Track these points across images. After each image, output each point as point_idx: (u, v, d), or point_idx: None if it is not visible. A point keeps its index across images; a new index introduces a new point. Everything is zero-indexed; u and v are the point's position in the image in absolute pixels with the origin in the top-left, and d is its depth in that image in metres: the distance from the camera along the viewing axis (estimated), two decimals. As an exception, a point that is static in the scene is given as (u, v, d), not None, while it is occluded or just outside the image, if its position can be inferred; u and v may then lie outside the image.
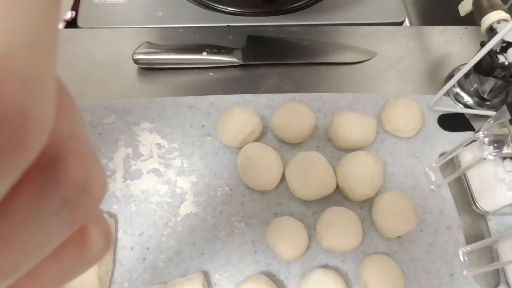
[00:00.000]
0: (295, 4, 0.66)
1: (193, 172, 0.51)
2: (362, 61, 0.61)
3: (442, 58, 0.63)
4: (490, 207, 0.48)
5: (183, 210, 0.48)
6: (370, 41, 0.63)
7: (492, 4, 0.52)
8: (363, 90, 0.59)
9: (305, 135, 0.51)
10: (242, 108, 0.51)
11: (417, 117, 0.52)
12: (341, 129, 0.51)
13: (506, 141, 0.43)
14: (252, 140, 0.51)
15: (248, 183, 0.49)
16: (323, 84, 0.60)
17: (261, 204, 0.49)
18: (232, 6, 0.65)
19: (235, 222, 0.48)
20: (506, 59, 0.49)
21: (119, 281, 0.45)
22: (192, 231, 0.47)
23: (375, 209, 0.48)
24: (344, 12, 0.67)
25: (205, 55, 0.58)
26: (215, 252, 0.46)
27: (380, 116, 0.54)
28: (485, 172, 0.48)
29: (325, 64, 0.61)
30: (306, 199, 0.48)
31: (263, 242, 0.47)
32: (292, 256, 0.45)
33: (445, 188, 0.51)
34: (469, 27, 0.65)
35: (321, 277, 0.43)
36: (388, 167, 0.52)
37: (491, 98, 0.56)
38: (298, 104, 0.52)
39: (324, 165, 0.48)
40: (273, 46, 0.62)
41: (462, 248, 0.47)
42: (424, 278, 0.46)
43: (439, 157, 0.53)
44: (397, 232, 0.47)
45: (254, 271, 0.46)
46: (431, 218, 0.49)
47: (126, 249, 0.46)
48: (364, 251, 0.47)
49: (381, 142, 0.54)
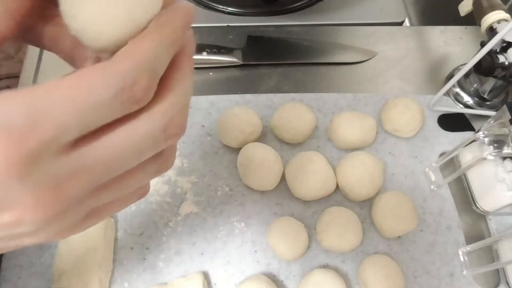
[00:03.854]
0: (295, 4, 0.66)
1: (193, 172, 0.51)
2: (362, 61, 0.61)
3: (442, 58, 0.63)
4: (490, 207, 0.48)
5: (183, 210, 0.48)
6: (370, 41, 0.63)
7: (492, 4, 0.51)
8: (363, 90, 0.59)
9: (305, 135, 0.51)
10: (242, 108, 0.51)
11: (417, 117, 0.52)
12: (341, 129, 0.51)
13: (506, 141, 0.43)
14: (252, 140, 0.51)
15: (248, 183, 0.49)
16: (323, 84, 0.60)
17: (261, 204, 0.49)
18: (232, 6, 0.65)
19: (235, 222, 0.48)
20: (506, 59, 0.49)
21: (119, 281, 0.45)
22: (192, 231, 0.48)
23: (375, 209, 0.48)
24: (344, 12, 0.67)
25: (205, 55, 0.58)
26: (215, 252, 0.46)
27: (380, 116, 0.54)
28: (485, 172, 0.48)
29: (325, 64, 0.61)
30: (306, 199, 0.48)
31: (263, 242, 0.47)
32: (292, 256, 0.45)
33: (445, 188, 0.51)
34: (469, 27, 0.65)
35: (321, 277, 0.43)
36: (388, 167, 0.52)
37: (491, 98, 0.56)
38: (298, 104, 0.52)
39: (324, 165, 0.48)
40: (273, 46, 0.62)
41: (462, 248, 0.47)
42: (424, 278, 0.46)
43: (439, 157, 0.53)
44: (397, 232, 0.47)
45: (254, 271, 0.46)
46: (431, 218, 0.49)
47: (126, 249, 0.46)
48: (364, 251, 0.47)
49: (381, 142, 0.54)
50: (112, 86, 0.16)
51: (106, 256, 0.44)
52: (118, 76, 0.16)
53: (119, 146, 0.17)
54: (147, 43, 0.17)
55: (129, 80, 0.16)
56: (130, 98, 0.17)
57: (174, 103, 0.19)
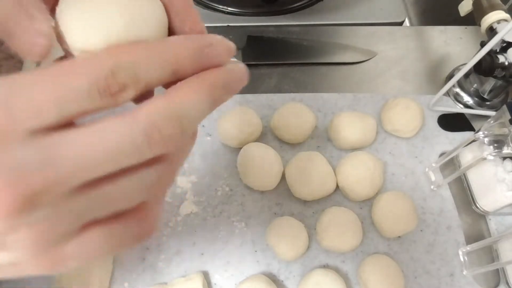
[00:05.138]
0: (295, 4, 0.66)
1: (193, 172, 0.51)
2: (362, 61, 0.61)
3: (442, 58, 0.63)
4: (490, 207, 0.48)
5: (183, 210, 0.48)
6: (370, 41, 0.63)
7: (492, 4, 0.51)
8: (363, 90, 0.59)
9: (305, 135, 0.51)
10: (242, 108, 0.51)
11: (417, 117, 0.52)
12: (341, 129, 0.51)
13: (506, 141, 0.43)
14: (252, 140, 0.51)
15: (248, 183, 0.49)
16: (323, 84, 0.60)
17: (261, 204, 0.49)
18: (232, 6, 0.65)
19: (235, 222, 0.48)
20: (506, 59, 0.49)
21: (119, 281, 0.45)
22: (192, 231, 0.48)
23: (375, 209, 0.48)
24: (344, 12, 0.67)
25: (205, 55, 0.58)
26: (215, 252, 0.46)
27: (380, 116, 0.54)
28: (485, 172, 0.48)
29: (325, 64, 0.61)
30: (306, 199, 0.48)
31: (263, 242, 0.47)
32: (292, 256, 0.45)
33: (445, 188, 0.51)
34: (469, 27, 0.65)
35: (321, 277, 0.43)
36: (388, 167, 0.52)
37: (491, 98, 0.56)
38: (298, 104, 0.52)
39: (324, 165, 0.48)
40: (273, 46, 0.62)
41: (462, 248, 0.47)
42: (424, 278, 0.46)
43: (439, 157, 0.53)
44: (397, 232, 0.47)
45: (254, 271, 0.46)
46: (431, 218, 0.49)
47: (126, 249, 0.46)
48: (364, 251, 0.47)
49: (381, 142, 0.54)
50: (86, 75, 0.16)
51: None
52: (95, 66, 0.16)
53: (92, 141, 0.16)
54: (137, 48, 0.17)
55: (105, 71, 0.16)
56: (105, 89, 0.16)
57: (163, 109, 0.17)
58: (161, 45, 0.18)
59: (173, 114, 0.17)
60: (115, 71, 0.16)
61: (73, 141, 0.16)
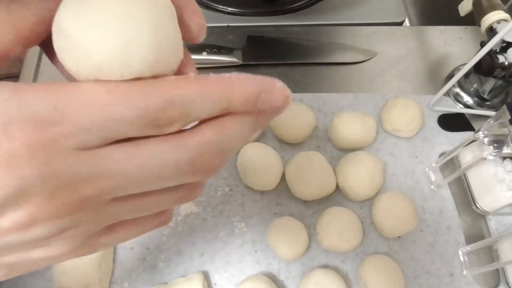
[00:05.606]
0: (295, 4, 0.66)
1: (193, 172, 0.50)
2: (362, 61, 0.61)
3: (442, 58, 0.63)
4: (490, 207, 0.48)
5: (183, 210, 0.48)
6: (370, 41, 0.63)
7: (492, 4, 0.51)
8: (363, 90, 0.59)
9: (305, 135, 0.51)
10: (242, 108, 0.51)
11: (417, 117, 0.52)
12: (341, 129, 0.51)
13: (506, 141, 0.43)
14: (252, 140, 0.51)
15: (248, 183, 0.49)
16: (323, 84, 0.60)
17: (261, 204, 0.49)
18: (232, 6, 0.65)
19: (235, 222, 0.48)
20: (506, 59, 0.49)
21: (119, 281, 0.45)
22: (192, 231, 0.48)
23: (375, 209, 0.48)
24: (344, 12, 0.67)
25: (205, 55, 0.58)
26: (215, 252, 0.46)
27: (380, 116, 0.54)
28: (485, 172, 0.48)
29: (325, 64, 0.61)
30: (306, 199, 0.48)
31: (263, 242, 0.47)
32: (292, 256, 0.45)
33: (445, 188, 0.51)
34: (469, 27, 0.65)
35: (321, 277, 0.43)
36: (388, 167, 0.52)
37: (491, 98, 0.56)
38: (298, 104, 0.52)
39: (324, 165, 0.48)
40: (273, 46, 0.62)
41: (462, 248, 0.47)
42: (424, 278, 0.46)
43: (439, 157, 0.53)
44: (397, 232, 0.47)
45: (254, 271, 0.46)
46: (431, 218, 0.49)
47: (126, 249, 0.46)
48: (364, 251, 0.47)
49: (381, 142, 0.54)
50: (137, 108, 0.16)
51: (106, 256, 0.44)
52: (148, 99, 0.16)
53: (140, 162, 0.17)
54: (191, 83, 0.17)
55: (158, 107, 0.16)
56: (153, 122, 0.16)
57: (212, 141, 0.18)
58: (218, 83, 0.18)
59: (220, 147, 0.18)
60: (167, 107, 0.16)
61: (123, 158, 0.17)
